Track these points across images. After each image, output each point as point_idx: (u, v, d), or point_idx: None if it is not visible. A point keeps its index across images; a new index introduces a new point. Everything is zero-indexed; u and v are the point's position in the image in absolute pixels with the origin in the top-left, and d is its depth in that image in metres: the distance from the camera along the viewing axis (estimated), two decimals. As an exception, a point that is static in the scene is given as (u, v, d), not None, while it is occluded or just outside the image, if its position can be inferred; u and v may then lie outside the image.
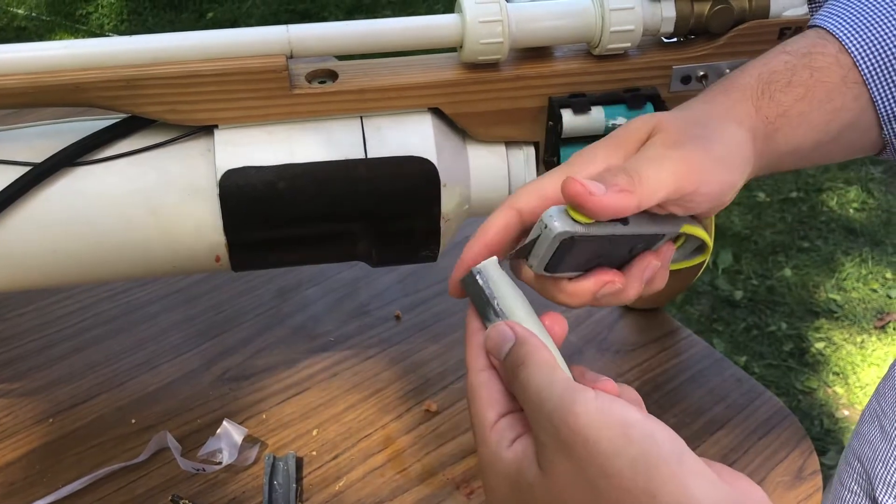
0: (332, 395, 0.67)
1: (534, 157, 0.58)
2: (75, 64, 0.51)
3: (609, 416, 0.33)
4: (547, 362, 0.36)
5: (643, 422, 0.33)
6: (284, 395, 0.68)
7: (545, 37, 0.55)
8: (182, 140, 0.54)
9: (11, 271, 0.54)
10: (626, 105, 0.55)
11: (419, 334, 0.73)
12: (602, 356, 0.71)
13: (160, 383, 0.69)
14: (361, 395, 0.68)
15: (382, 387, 0.68)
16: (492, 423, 0.37)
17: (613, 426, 0.33)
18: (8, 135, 0.55)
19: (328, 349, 0.72)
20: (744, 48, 0.56)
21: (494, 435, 0.37)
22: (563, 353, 0.38)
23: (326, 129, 0.54)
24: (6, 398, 0.67)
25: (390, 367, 0.70)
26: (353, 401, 0.67)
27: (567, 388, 0.35)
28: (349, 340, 0.73)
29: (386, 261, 0.59)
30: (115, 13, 2.54)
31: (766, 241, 1.86)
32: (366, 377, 0.69)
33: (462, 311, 0.76)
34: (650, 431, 0.33)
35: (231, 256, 0.55)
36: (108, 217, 0.53)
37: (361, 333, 0.73)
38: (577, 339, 0.73)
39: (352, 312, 0.76)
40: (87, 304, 0.76)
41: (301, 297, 0.78)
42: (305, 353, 0.71)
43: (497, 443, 0.37)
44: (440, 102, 0.55)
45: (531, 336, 0.38)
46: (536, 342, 0.37)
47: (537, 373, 0.36)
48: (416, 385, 0.68)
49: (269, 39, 0.52)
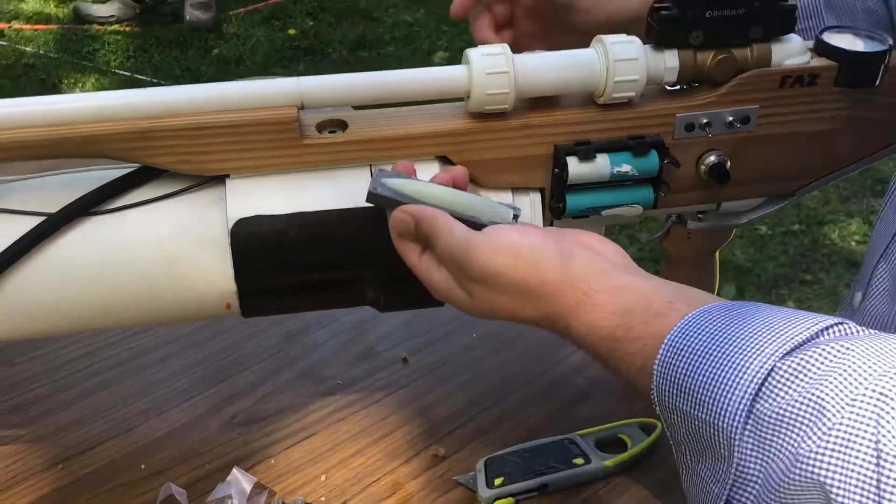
0: (340, 440, 0.68)
1: (540, 203, 0.58)
2: (89, 116, 0.52)
3: (499, 245, 0.48)
4: (444, 225, 0.49)
5: (529, 239, 0.48)
6: (293, 439, 0.68)
7: (551, 87, 0.56)
8: (194, 189, 0.55)
9: (26, 320, 0.55)
10: (630, 152, 0.56)
11: (426, 377, 0.74)
12: (608, 398, 0.71)
13: (169, 428, 0.69)
14: (369, 439, 0.68)
15: (390, 431, 0.68)
16: (417, 260, 0.51)
17: (505, 252, 0.47)
18: (23, 185, 0.56)
19: (336, 392, 0.72)
20: (746, 96, 0.57)
21: (422, 265, 0.51)
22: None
23: (336, 178, 0.55)
24: (16, 444, 0.67)
25: (398, 410, 0.70)
26: (361, 445, 0.67)
27: (464, 238, 0.48)
28: (357, 384, 0.73)
29: (393, 306, 0.59)
30: (122, 50, 2.57)
31: (768, 275, 1.87)
32: (374, 421, 0.69)
33: (468, 353, 0.76)
34: (534, 245, 0.48)
35: (241, 303, 0.56)
36: (121, 266, 0.54)
37: (369, 376, 0.74)
38: (584, 382, 0.73)
39: (359, 355, 0.76)
40: (97, 348, 0.76)
41: (309, 339, 0.78)
42: (313, 396, 0.72)
43: (427, 270, 0.51)
44: (447, 151, 0.56)
45: (424, 210, 0.50)
46: (430, 212, 0.49)
47: (441, 238, 0.49)
48: (424, 429, 0.68)
49: (281, 91, 0.53)
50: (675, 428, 0.43)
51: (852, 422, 0.34)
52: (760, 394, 0.38)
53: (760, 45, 0.56)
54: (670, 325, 0.43)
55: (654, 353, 0.43)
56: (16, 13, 2.70)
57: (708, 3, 0.54)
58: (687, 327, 0.42)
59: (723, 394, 0.39)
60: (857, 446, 0.34)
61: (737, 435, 0.38)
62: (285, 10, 2.79)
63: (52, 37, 2.60)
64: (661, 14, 0.55)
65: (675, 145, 0.58)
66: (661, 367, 0.42)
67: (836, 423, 0.35)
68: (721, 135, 0.58)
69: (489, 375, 0.74)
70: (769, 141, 0.59)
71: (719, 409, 0.39)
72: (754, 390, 0.38)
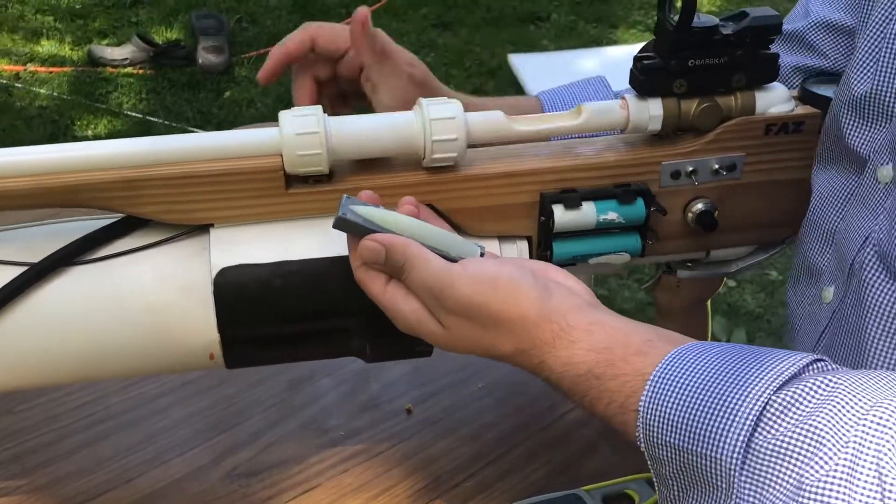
0: (341, 493, 0.67)
1: (527, 251, 0.58)
2: (72, 166, 0.52)
3: (480, 276, 0.47)
4: (419, 256, 0.48)
5: (508, 271, 0.48)
6: (293, 492, 0.67)
7: (370, 149, 0.55)
8: (178, 239, 0.55)
9: (7, 372, 0.54)
10: (616, 200, 0.56)
11: (430, 429, 0.73)
12: (615, 451, 0.70)
13: (169, 479, 0.68)
14: (371, 493, 0.67)
15: (392, 484, 0.67)
16: (382, 289, 0.50)
17: (486, 283, 0.47)
18: (3, 235, 0.55)
19: (338, 444, 0.71)
20: (731, 144, 0.57)
21: (388, 295, 0.50)
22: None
23: (321, 227, 0.54)
24: (14, 495, 0.67)
25: (401, 463, 0.69)
26: (363, 499, 0.66)
27: (443, 269, 0.48)
28: (360, 435, 0.72)
29: (380, 356, 0.58)
30: (135, 92, 2.59)
31: (779, 320, 1.85)
32: (376, 474, 0.68)
33: (474, 403, 0.75)
34: (513, 277, 0.47)
35: (225, 353, 0.55)
36: (105, 316, 0.54)
37: (372, 427, 0.73)
38: (591, 433, 0.72)
39: (363, 405, 0.75)
40: (98, 396, 0.76)
41: (312, 388, 0.77)
42: (315, 448, 0.71)
43: (394, 300, 0.49)
44: (434, 199, 0.56)
45: (395, 239, 0.48)
46: (402, 241, 0.49)
47: (415, 268, 0.48)
48: (427, 483, 0.67)
49: (265, 141, 0.53)
50: (661, 464, 0.43)
51: (854, 451, 0.36)
52: (758, 426, 0.39)
53: (744, 93, 0.56)
54: (653, 363, 0.43)
55: (638, 390, 0.43)
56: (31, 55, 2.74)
57: (690, 52, 0.54)
58: (672, 364, 0.43)
59: (720, 427, 0.39)
60: (860, 475, 0.35)
61: (736, 467, 0.39)
62: (297, 53, 2.83)
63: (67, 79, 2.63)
64: (644, 63, 0.55)
65: (661, 193, 0.58)
66: (648, 403, 0.42)
67: (837, 452, 0.36)
68: (708, 182, 0.58)
69: (495, 427, 0.73)
70: (756, 188, 0.59)
71: (717, 443, 0.39)
72: (752, 423, 0.39)
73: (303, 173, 0.54)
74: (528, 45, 2.83)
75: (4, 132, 2.39)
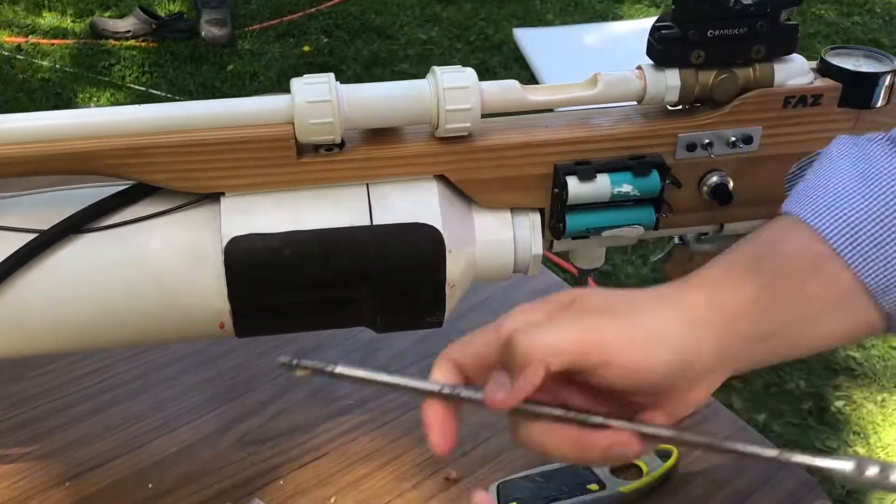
0: (349, 462, 0.67)
1: (539, 223, 0.58)
2: (83, 133, 0.51)
3: None
4: None
5: None
6: (302, 460, 0.67)
7: (382, 118, 0.54)
8: (189, 207, 0.54)
9: (16, 338, 0.54)
10: (631, 172, 0.56)
11: (438, 398, 0.73)
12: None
13: (179, 446, 0.68)
14: (379, 461, 0.67)
15: (401, 453, 0.68)
16: None
17: None
18: (14, 202, 0.55)
19: (346, 413, 0.72)
20: (748, 116, 0.57)
21: None
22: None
23: (333, 197, 0.54)
24: (23, 461, 0.67)
25: (409, 432, 0.69)
26: (371, 468, 0.66)
27: None
28: (367, 404, 0.72)
29: (390, 327, 0.58)
30: (137, 65, 2.58)
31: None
32: (384, 443, 0.69)
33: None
34: None
35: (235, 323, 0.55)
36: (113, 284, 0.53)
37: (380, 397, 0.73)
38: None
39: (371, 375, 0.75)
40: (108, 363, 0.76)
41: (320, 358, 0.77)
42: (324, 416, 0.71)
43: None
44: (445, 170, 0.55)
45: None
46: None
47: None
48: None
49: (277, 109, 0.53)
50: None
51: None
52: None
53: (763, 64, 0.56)
54: None
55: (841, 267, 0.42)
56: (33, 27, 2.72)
57: (709, 21, 0.54)
58: None
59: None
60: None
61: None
62: (300, 26, 2.80)
63: (69, 51, 2.62)
64: (662, 33, 0.54)
65: (676, 165, 0.57)
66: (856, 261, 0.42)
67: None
68: (724, 155, 0.58)
69: (502, 397, 0.73)
70: (773, 161, 0.59)
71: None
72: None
73: (315, 142, 0.53)
74: (533, 20, 2.82)
75: (7, 104, 2.38)
